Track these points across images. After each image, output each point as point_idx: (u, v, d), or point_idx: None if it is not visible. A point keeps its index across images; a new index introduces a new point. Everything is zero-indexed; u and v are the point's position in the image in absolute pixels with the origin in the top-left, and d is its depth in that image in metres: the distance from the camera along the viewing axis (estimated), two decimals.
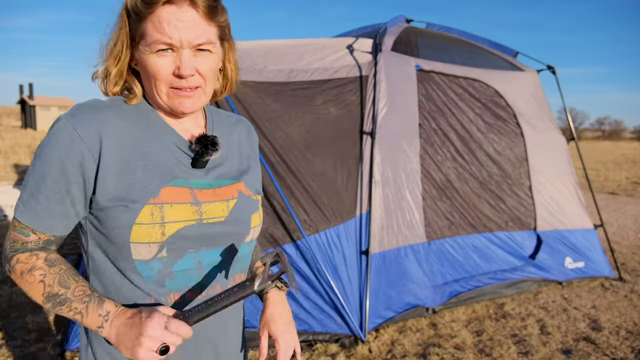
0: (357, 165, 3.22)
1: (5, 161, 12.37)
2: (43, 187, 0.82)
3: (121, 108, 0.88)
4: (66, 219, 0.85)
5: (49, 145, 0.82)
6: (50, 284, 0.83)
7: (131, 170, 0.84)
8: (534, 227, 4.13)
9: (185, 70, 0.83)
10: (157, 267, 0.85)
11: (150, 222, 0.82)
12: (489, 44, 4.62)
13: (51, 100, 40.06)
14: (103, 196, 0.82)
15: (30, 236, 0.85)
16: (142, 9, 0.81)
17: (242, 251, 0.96)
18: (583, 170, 4.68)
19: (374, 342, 3.00)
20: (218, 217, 0.90)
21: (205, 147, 0.89)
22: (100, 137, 0.82)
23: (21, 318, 3.20)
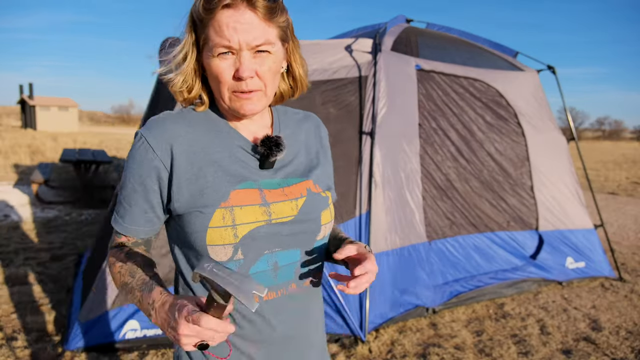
0: (357, 166, 3.22)
1: (5, 161, 12.36)
2: (127, 197, 0.91)
3: (189, 117, 0.93)
4: (148, 223, 0.93)
5: (129, 159, 0.91)
6: (124, 274, 0.90)
7: (202, 175, 0.88)
8: (535, 226, 4.13)
9: (244, 72, 0.84)
10: (234, 269, 0.88)
11: (223, 225, 0.86)
12: (489, 44, 4.62)
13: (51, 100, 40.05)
14: (179, 202, 0.88)
15: (122, 238, 0.96)
16: (204, 15, 0.84)
17: (314, 250, 0.97)
18: (583, 170, 4.68)
19: (374, 342, 3.00)
20: (287, 216, 0.92)
21: (270, 148, 0.91)
22: (171, 148, 0.88)
23: (21, 318, 3.20)
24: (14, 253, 4.61)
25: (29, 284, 3.80)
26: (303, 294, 0.97)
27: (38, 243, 4.99)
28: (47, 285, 3.79)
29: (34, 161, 12.70)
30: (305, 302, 0.98)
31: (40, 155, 13.87)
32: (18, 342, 2.87)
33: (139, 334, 2.76)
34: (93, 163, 8.39)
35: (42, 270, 4.12)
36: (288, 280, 0.93)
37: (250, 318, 0.92)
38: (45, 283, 3.83)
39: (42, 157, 13.59)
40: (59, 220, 6.10)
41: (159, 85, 3.94)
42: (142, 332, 2.77)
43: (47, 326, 3.08)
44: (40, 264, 4.29)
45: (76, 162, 8.06)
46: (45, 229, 5.58)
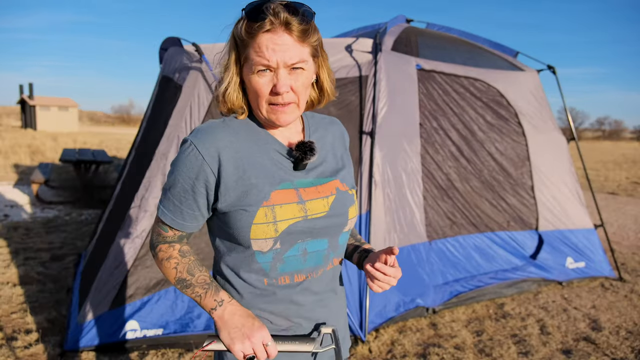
0: (357, 166, 3.22)
1: (5, 161, 12.36)
2: (177, 195, 1.02)
3: (232, 125, 1.04)
4: (195, 220, 1.05)
5: (179, 162, 1.01)
6: (181, 271, 1.05)
7: (247, 178, 1.00)
8: (535, 226, 4.13)
9: (281, 88, 0.96)
10: (271, 256, 1.02)
11: (265, 222, 0.99)
12: (489, 44, 4.62)
13: (51, 100, 40.04)
14: (225, 202, 1.00)
15: (169, 232, 1.07)
16: (245, 37, 0.96)
17: (341, 240, 1.11)
18: (583, 170, 4.68)
19: (374, 342, 3.00)
20: (320, 212, 1.04)
21: (305, 152, 1.02)
22: (218, 154, 0.99)
23: (21, 318, 3.20)
24: (14, 253, 4.60)
25: (28, 284, 3.80)
26: (328, 277, 1.11)
27: (38, 243, 4.99)
28: (47, 285, 3.79)
29: (34, 161, 12.69)
30: (328, 284, 1.12)
31: (40, 155, 13.87)
32: (18, 342, 2.87)
33: (139, 334, 2.76)
34: (93, 163, 8.39)
35: (42, 270, 4.12)
36: (317, 266, 1.07)
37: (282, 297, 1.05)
38: (45, 283, 3.83)
39: (42, 157, 13.59)
40: (59, 220, 6.10)
41: (160, 86, 3.93)
42: (142, 332, 2.76)
43: (47, 326, 3.08)
44: (40, 264, 4.29)
45: (76, 162, 8.06)
46: (45, 229, 5.58)
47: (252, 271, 1.04)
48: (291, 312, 1.07)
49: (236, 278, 1.06)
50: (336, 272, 1.15)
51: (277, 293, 1.05)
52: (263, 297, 1.05)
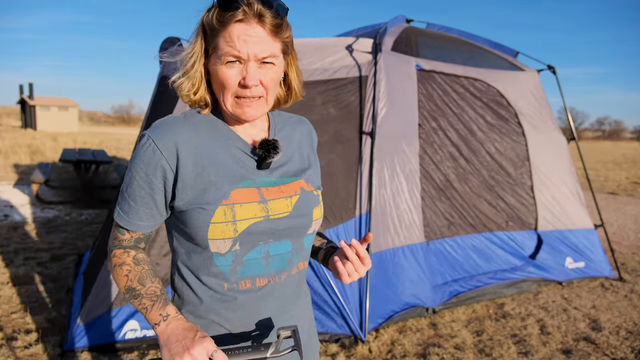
0: (357, 166, 3.22)
1: (5, 161, 12.36)
2: (132, 194, 0.98)
3: (193, 121, 1.00)
4: (152, 218, 1.00)
5: (135, 158, 0.96)
6: (132, 279, 0.98)
7: (205, 175, 0.96)
8: (534, 226, 4.13)
9: (250, 81, 0.92)
10: (230, 258, 0.97)
11: (224, 221, 0.94)
12: (489, 44, 4.62)
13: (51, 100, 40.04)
14: (182, 200, 0.96)
15: (125, 235, 1.02)
16: (216, 26, 0.92)
17: (305, 242, 1.06)
18: (583, 170, 4.68)
19: (374, 342, 3.00)
20: (283, 212, 1.00)
21: (268, 150, 0.99)
22: (177, 149, 0.95)
23: (21, 318, 3.20)
24: (14, 253, 4.61)
25: (28, 284, 3.80)
26: (293, 282, 1.06)
27: (38, 243, 4.99)
28: (47, 285, 3.79)
29: (34, 161, 12.70)
30: (292, 289, 1.07)
31: (40, 155, 13.87)
32: (18, 342, 2.87)
33: (139, 334, 2.76)
34: (93, 163, 8.39)
35: (42, 270, 4.12)
36: (280, 270, 1.02)
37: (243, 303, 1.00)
38: (45, 283, 3.83)
39: (42, 157, 13.59)
40: (59, 220, 6.10)
41: (160, 86, 3.93)
42: (142, 332, 2.77)
43: (47, 326, 3.08)
44: (40, 264, 4.29)
45: (76, 162, 8.06)
46: (45, 229, 5.58)
47: (212, 275, 0.99)
48: (252, 319, 1.02)
49: (195, 281, 1.01)
50: (302, 276, 1.10)
51: (237, 298, 0.99)
52: (223, 302, 1.00)
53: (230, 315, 1.00)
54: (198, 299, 1.01)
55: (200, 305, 1.01)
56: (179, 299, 1.04)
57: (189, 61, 0.96)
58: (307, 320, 1.15)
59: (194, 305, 1.01)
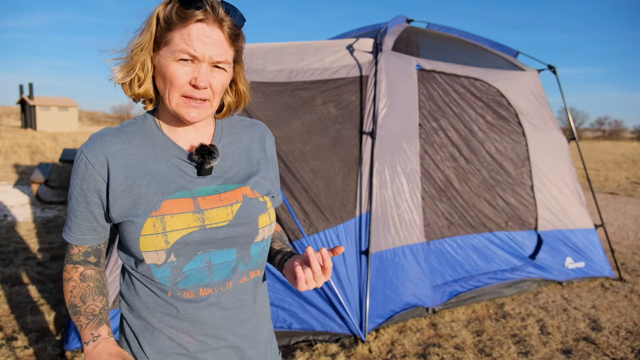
0: (357, 166, 3.22)
1: (5, 161, 12.36)
2: (72, 209, 0.98)
3: (128, 131, 0.99)
4: (94, 232, 1.00)
5: (73, 173, 0.97)
6: (75, 296, 0.98)
7: (136, 187, 0.94)
8: (535, 226, 4.13)
9: (201, 82, 0.91)
10: (169, 270, 0.95)
11: (153, 233, 0.92)
12: (490, 44, 4.62)
13: (51, 100, 40.04)
14: (114, 212, 0.95)
15: (74, 249, 1.03)
16: (175, 20, 0.89)
17: (253, 250, 1.02)
18: (583, 170, 4.68)
19: (374, 342, 3.00)
20: (222, 221, 0.97)
21: (203, 156, 0.96)
22: (107, 161, 0.94)
23: (21, 318, 3.20)
24: (14, 253, 4.60)
25: (29, 284, 3.80)
26: (241, 291, 1.02)
27: (38, 243, 4.99)
28: (47, 285, 3.79)
29: (34, 161, 12.70)
30: (244, 299, 1.03)
31: (40, 155, 13.87)
32: (18, 342, 2.87)
33: None
34: None
35: (42, 270, 4.12)
36: (225, 278, 0.99)
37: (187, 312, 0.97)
38: (45, 283, 3.83)
39: (42, 157, 13.59)
40: (59, 220, 6.10)
41: None
42: None
43: (47, 326, 3.08)
44: (40, 264, 4.29)
45: None
46: (45, 229, 5.58)
47: (153, 284, 0.97)
48: (196, 329, 0.98)
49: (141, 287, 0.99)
50: (252, 285, 1.05)
51: (180, 308, 0.97)
52: (166, 311, 0.98)
53: (174, 323, 0.98)
54: (143, 305, 0.99)
55: (145, 311, 0.99)
56: (126, 304, 1.02)
57: (137, 53, 0.93)
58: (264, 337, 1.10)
59: (139, 310, 1.00)
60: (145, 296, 0.99)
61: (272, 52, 3.28)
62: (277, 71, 3.21)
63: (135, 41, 0.94)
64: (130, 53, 0.94)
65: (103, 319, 0.96)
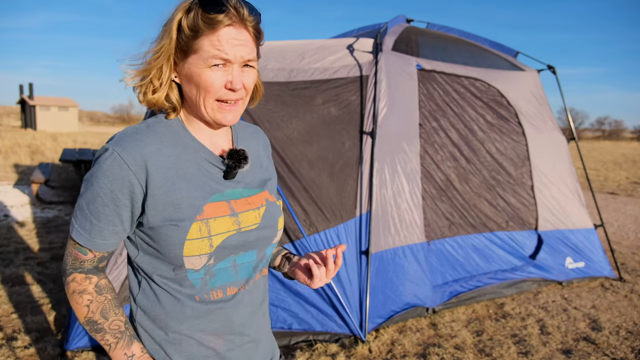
0: (357, 165, 3.22)
1: (5, 161, 12.36)
2: (95, 211, 0.91)
3: (157, 131, 0.95)
4: (116, 236, 0.94)
5: (99, 173, 0.89)
6: (94, 311, 0.94)
7: (177, 190, 0.92)
8: (535, 226, 4.13)
9: (237, 85, 0.92)
10: (203, 272, 0.95)
11: (200, 237, 0.91)
12: (489, 44, 4.62)
13: (51, 100, 40.04)
14: (153, 217, 0.91)
15: (88, 255, 0.95)
16: (202, 28, 0.89)
17: (268, 251, 1.08)
18: (583, 170, 4.68)
19: (374, 342, 3.00)
20: (252, 224, 0.99)
21: (239, 161, 0.98)
22: (145, 163, 0.90)
23: (21, 318, 3.20)
24: (14, 253, 4.60)
25: (29, 284, 3.80)
26: (258, 288, 1.07)
27: (38, 243, 4.99)
28: (47, 285, 3.79)
29: (34, 161, 12.70)
30: (258, 294, 1.08)
31: (40, 155, 13.87)
32: (18, 342, 2.87)
33: None
34: None
35: (42, 270, 4.12)
36: (248, 277, 1.02)
37: (215, 313, 0.99)
38: (45, 283, 3.83)
39: (42, 157, 13.59)
40: (59, 220, 6.10)
41: None
42: None
43: (47, 326, 3.08)
44: (40, 264, 4.29)
45: (76, 162, 8.06)
46: (45, 229, 5.58)
47: (183, 288, 0.96)
48: (225, 329, 1.00)
49: (165, 296, 0.97)
50: (265, 282, 1.11)
51: (210, 309, 0.97)
52: (194, 314, 0.97)
53: (204, 326, 0.98)
54: (168, 314, 0.97)
55: (171, 320, 0.97)
56: (144, 314, 0.99)
57: (155, 60, 0.92)
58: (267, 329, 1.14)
59: (164, 320, 0.97)
60: (171, 305, 0.96)
61: (273, 52, 3.28)
62: (277, 70, 3.21)
63: (153, 47, 0.93)
64: (147, 59, 0.93)
65: (132, 335, 0.96)
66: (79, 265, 0.96)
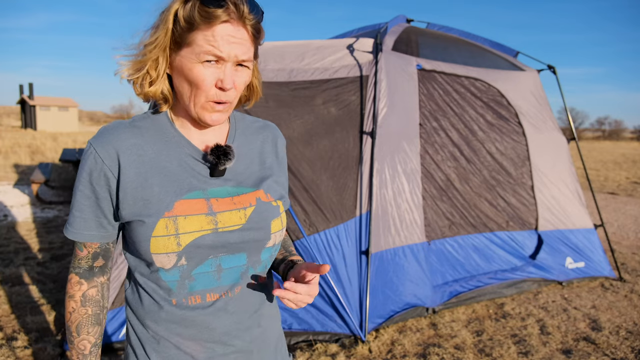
0: (357, 165, 3.22)
1: (5, 161, 12.36)
2: (79, 205, 0.93)
3: (140, 126, 0.95)
4: (102, 228, 0.94)
5: (81, 167, 0.93)
6: (72, 322, 0.97)
7: (148, 186, 0.90)
8: (535, 226, 4.13)
9: (228, 84, 0.88)
10: (178, 273, 0.92)
11: (166, 234, 0.88)
12: (490, 44, 4.62)
13: (51, 100, 40.05)
14: (124, 211, 0.91)
15: (83, 251, 0.96)
16: (198, 21, 0.85)
17: (263, 255, 1.00)
18: (583, 170, 4.68)
19: (374, 342, 3.00)
20: (235, 225, 0.94)
21: (218, 157, 0.93)
22: (117, 156, 0.90)
23: (21, 318, 3.20)
24: (14, 253, 4.60)
25: (29, 284, 3.80)
26: (249, 297, 1.00)
27: (38, 243, 4.99)
28: (47, 285, 3.79)
29: (34, 161, 12.70)
30: (250, 303, 1.00)
31: (40, 155, 13.87)
32: (18, 342, 2.87)
33: None
34: None
35: (42, 270, 4.12)
36: (233, 283, 0.96)
37: (192, 319, 0.95)
38: (45, 283, 3.83)
39: (42, 157, 13.59)
40: (59, 220, 6.10)
41: None
42: None
43: (47, 326, 3.08)
44: (40, 264, 4.29)
45: (76, 162, 8.07)
46: (45, 229, 5.58)
47: (160, 289, 0.94)
48: (203, 336, 0.95)
49: (145, 294, 0.96)
50: (260, 289, 1.02)
51: (187, 314, 0.94)
52: (172, 317, 0.94)
53: (180, 331, 0.95)
54: (147, 313, 0.96)
55: (149, 319, 0.96)
56: (131, 311, 0.99)
57: (150, 50, 0.89)
58: (275, 337, 1.09)
59: (143, 318, 0.97)
60: (149, 304, 0.95)
61: (273, 52, 3.28)
62: (277, 70, 3.21)
63: (148, 38, 0.90)
64: (142, 50, 0.90)
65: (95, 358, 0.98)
66: (77, 264, 0.97)
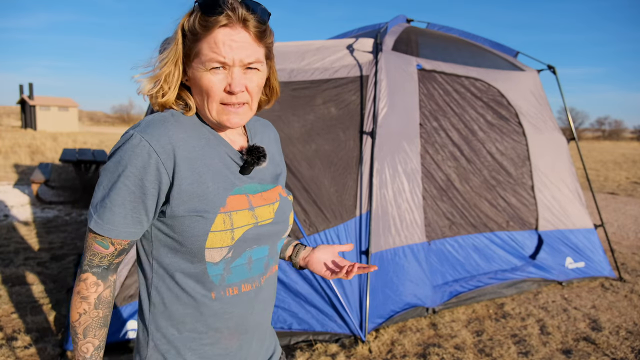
0: (357, 165, 3.22)
1: (5, 161, 12.36)
2: (118, 201, 0.87)
3: (182, 121, 0.95)
4: (139, 225, 0.91)
5: (123, 160, 0.86)
6: (80, 323, 0.94)
7: (203, 181, 0.92)
8: (535, 226, 4.13)
9: (236, 87, 0.90)
10: (222, 266, 0.95)
11: (223, 229, 0.92)
12: (490, 44, 4.62)
13: (51, 100, 40.03)
14: (177, 207, 0.90)
15: (109, 248, 0.91)
16: (199, 30, 0.88)
17: (279, 246, 1.09)
18: (583, 170, 4.68)
19: (374, 342, 3.00)
20: (267, 219, 1.00)
21: (258, 158, 0.98)
22: (173, 151, 0.89)
23: (21, 318, 3.19)
24: (14, 253, 4.60)
25: (29, 284, 3.80)
26: (269, 284, 1.08)
27: (38, 243, 4.99)
28: (47, 285, 3.79)
29: (34, 161, 12.69)
30: (269, 291, 1.08)
31: (40, 155, 13.87)
32: (18, 342, 2.87)
33: None
34: (93, 163, 8.39)
35: (42, 270, 4.12)
36: (260, 274, 1.03)
37: (231, 311, 0.99)
38: (45, 283, 3.83)
39: (42, 157, 13.59)
40: (59, 220, 6.10)
41: None
42: None
43: (47, 326, 3.08)
44: (40, 264, 4.28)
45: (76, 162, 8.06)
46: (45, 229, 5.58)
47: (202, 284, 0.95)
48: (240, 327, 1.00)
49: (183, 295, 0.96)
50: (276, 278, 1.12)
51: (225, 307, 0.97)
52: (210, 312, 0.96)
53: (219, 325, 0.98)
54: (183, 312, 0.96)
55: (186, 317, 0.96)
56: (157, 312, 0.98)
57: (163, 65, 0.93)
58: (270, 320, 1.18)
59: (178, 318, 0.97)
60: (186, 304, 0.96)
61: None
62: (277, 71, 3.20)
63: (162, 54, 0.94)
64: (156, 66, 0.94)
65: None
66: (98, 262, 0.92)
